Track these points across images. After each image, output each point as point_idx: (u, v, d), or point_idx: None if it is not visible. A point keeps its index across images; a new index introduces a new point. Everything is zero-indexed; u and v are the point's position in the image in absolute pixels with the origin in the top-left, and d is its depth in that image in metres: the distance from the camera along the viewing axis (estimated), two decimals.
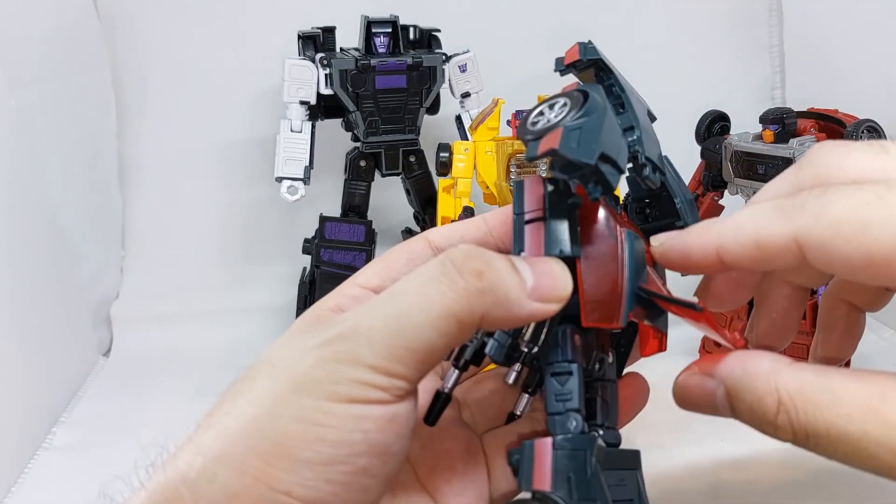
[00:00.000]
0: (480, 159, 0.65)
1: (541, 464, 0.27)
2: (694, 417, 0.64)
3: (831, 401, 0.24)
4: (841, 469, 0.54)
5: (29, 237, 0.64)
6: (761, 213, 0.26)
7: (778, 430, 0.25)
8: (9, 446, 0.57)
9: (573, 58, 0.31)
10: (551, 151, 0.27)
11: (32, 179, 0.66)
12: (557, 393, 0.28)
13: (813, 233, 0.25)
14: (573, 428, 0.28)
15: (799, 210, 0.25)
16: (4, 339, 0.58)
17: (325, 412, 0.25)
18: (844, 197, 0.25)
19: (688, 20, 0.87)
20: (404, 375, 0.26)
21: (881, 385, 0.24)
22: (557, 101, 0.29)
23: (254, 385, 0.27)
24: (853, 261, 0.24)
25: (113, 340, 0.78)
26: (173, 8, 0.80)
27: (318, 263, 0.71)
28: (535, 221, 0.30)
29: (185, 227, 0.83)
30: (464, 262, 0.27)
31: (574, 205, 0.29)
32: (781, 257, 0.26)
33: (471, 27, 0.79)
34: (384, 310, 0.27)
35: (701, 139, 0.64)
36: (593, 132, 0.27)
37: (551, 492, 0.26)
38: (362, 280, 0.31)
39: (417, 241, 0.33)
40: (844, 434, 0.24)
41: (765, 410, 0.26)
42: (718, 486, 0.51)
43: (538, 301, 0.27)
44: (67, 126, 0.73)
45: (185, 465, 0.26)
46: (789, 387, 0.25)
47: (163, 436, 0.29)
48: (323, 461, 0.25)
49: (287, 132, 0.70)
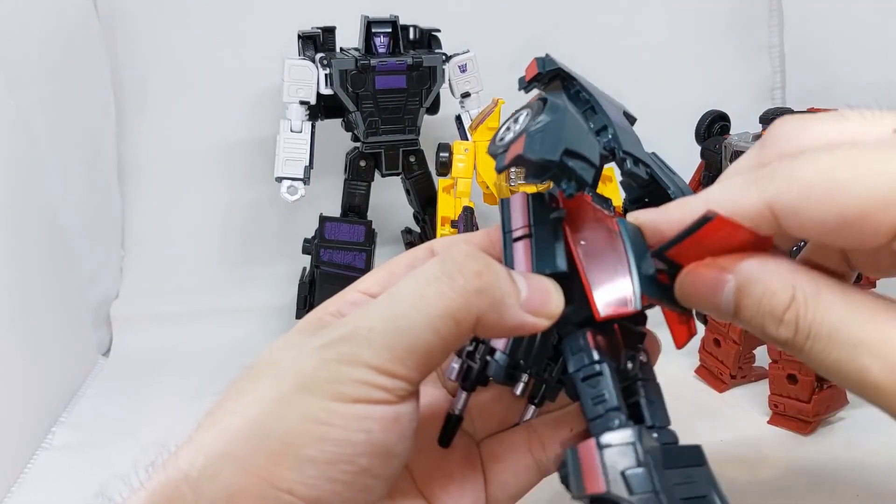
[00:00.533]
0: (480, 159, 0.65)
1: (588, 467, 0.26)
2: (693, 417, 0.64)
3: (843, 304, 0.24)
4: (841, 469, 0.54)
5: (29, 237, 0.64)
6: (732, 186, 0.26)
7: (782, 325, 0.25)
8: (8, 446, 0.57)
9: (533, 73, 0.32)
10: (517, 158, 0.27)
11: (32, 179, 0.66)
12: (592, 396, 0.28)
13: (785, 198, 0.25)
14: (616, 427, 0.26)
15: (769, 178, 0.25)
16: (4, 339, 0.58)
17: (329, 411, 0.26)
18: (813, 161, 0.25)
19: (688, 20, 0.87)
20: (405, 376, 0.27)
21: (892, 303, 0.24)
22: (521, 114, 0.29)
23: (256, 384, 0.27)
24: (827, 222, 0.24)
25: (113, 340, 0.78)
26: (173, 8, 0.80)
27: (317, 263, 0.71)
28: (523, 239, 0.30)
29: (184, 227, 0.83)
30: (464, 262, 0.27)
31: (557, 219, 0.30)
32: (756, 227, 0.26)
33: (471, 27, 0.79)
34: (383, 311, 0.27)
35: (701, 139, 0.64)
36: (554, 131, 0.27)
37: (607, 492, 0.25)
38: (364, 287, 0.32)
39: (421, 250, 0.33)
40: (846, 339, 0.24)
41: (774, 305, 0.25)
42: None
43: (530, 313, 0.28)
44: (67, 126, 0.73)
45: (186, 465, 0.26)
46: (805, 286, 0.25)
47: (163, 435, 0.29)
48: (326, 460, 0.25)
49: (287, 132, 0.70)
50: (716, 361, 0.64)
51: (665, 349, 0.33)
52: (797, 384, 0.56)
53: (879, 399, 0.24)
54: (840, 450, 0.54)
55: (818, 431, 0.57)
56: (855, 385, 0.24)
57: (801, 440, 0.56)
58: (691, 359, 0.66)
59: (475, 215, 0.64)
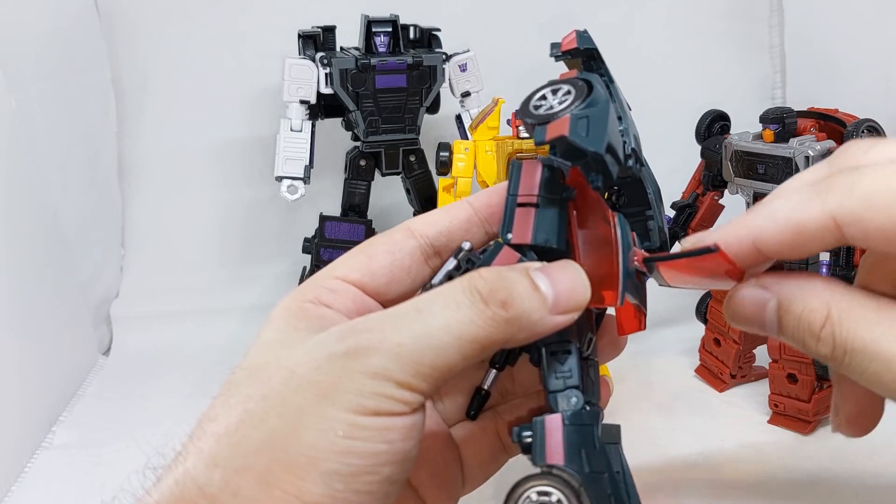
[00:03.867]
0: (480, 159, 0.65)
1: (552, 440, 0.28)
2: (693, 417, 0.64)
3: (876, 319, 0.26)
4: (841, 469, 0.54)
5: (29, 236, 0.64)
6: (794, 199, 0.27)
7: (820, 342, 0.27)
8: (9, 445, 0.57)
9: (570, 46, 0.32)
10: (560, 138, 0.27)
11: (32, 178, 0.66)
12: (558, 371, 0.29)
13: (847, 207, 0.25)
14: (574, 404, 0.28)
15: (831, 189, 0.26)
16: (4, 339, 0.58)
17: (351, 424, 0.26)
18: (875, 171, 0.25)
19: (688, 20, 0.87)
20: (424, 391, 0.27)
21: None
22: (560, 88, 0.29)
23: (268, 391, 0.27)
24: (888, 230, 0.25)
25: (113, 339, 0.78)
26: (173, 8, 0.80)
27: (318, 262, 0.71)
28: (527, 206, 0.30)
29: (184, 226, 0.83)
30: (490, 293, 0.27)
31: (567, 198, 0.30)
32: (820, 238, 0.26)
33: (471, 26, 0.79)
34: (413, 327, 0.27)
35: (701, 138, 0.64)
36: (601, 122, 0.27)
37: (566, 465, 0.27)
38: (341, 272, 0.31)
39: (399, 232, 0.32)
40: (879, 352, 0.25)
41: (811, 322, 0.27)
42: (718, 486, 0.51)
43: (560, 314, 0.28)
44: (67, 125, 0.73)
45: (202, 478, 0.26)
46: (840, 303, 0.26)
47: (162, 435, 0.28)
48: (352, 472, 0.25)
49: (287, 131, 0.70)
50: (716, 361, 0.64)
51: (665, 350, 0.33)
52: (797, 384, 0.56)
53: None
54: (840, 450, 0.54)
55: (818, 431, 0.57)
56: (894, 394, 0.26)
57: (801, 440, 0.56)
58: (691, 359, 0.66)
59: None
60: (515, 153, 0.65)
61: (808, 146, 0.56)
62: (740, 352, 0.62)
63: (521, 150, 0.65)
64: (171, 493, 0.26)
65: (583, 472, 0.27)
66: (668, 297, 0.65)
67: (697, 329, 0.66)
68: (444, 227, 0.32)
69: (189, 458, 0.26)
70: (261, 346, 0.29)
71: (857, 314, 0.26)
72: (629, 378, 0.64)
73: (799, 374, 0.56)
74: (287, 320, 0.29)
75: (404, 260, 0.31)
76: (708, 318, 0.64)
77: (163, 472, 0.27)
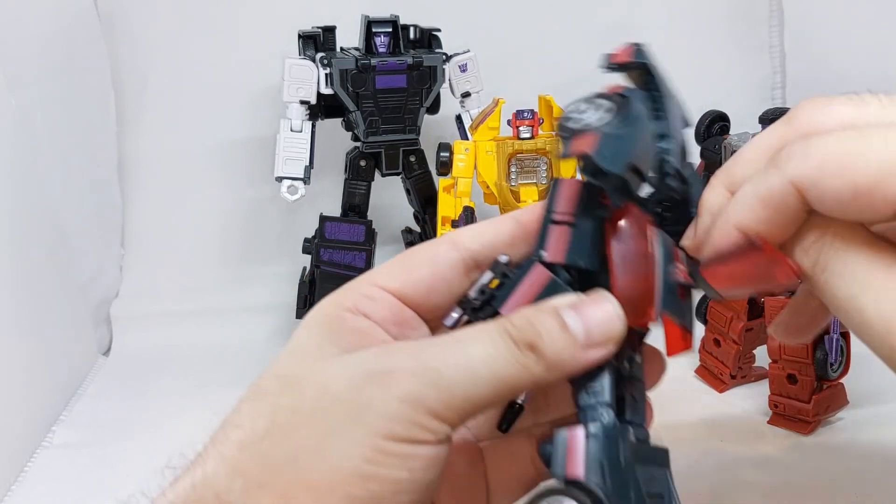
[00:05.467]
0: (481, 159, 0.65)
1: (573, 452, 0.27)
2: (694, 417, 0.64)
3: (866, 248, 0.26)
4: (841, 469, 0.54)
5: (29, 236, 0.64)
6: (756, 177, 0.27)
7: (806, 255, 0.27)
8: (9, 445, 0.57)
9: (625, 59, 0.31)
10: (584, 155, 0.27)
11: (33, 178, 0.66)
12: (588, 387, 0.29)
13: (804, 173, 0.26)
14: (604, 420, 0.28)
15: (788, 158, 0.26)
16: (4, 338, 0.58)
17: (377, 450, 0.25)
18: (829, 137, 0.26)
19: (688, 20, 0.87)
20: (453, 422, 0.27)
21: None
22: (601, 104, 0.29)
23: (299, 405, 0.26)
24: (842, 194, 0.25)
25: (113, 339, 0.78)
26: (173, 8, 0.80)
27: (318, 263, 0.71)
28: (563, 224, 0.30)
29: (184, 227, 0.83)
30: (520, 336, 0.27)
31: (602, 217, 0.30)
32: (787, 206, 0.26)
33: (471, 27, 0.79)
34: (453, 357, 0.27)
35: (700, 139, 0.64)
36: (627, 143, 0.28)
37: (585, 479, 0.26)
38: (381, 281, 0.31)
39: (442, 244, 0.32)
40: (856, 276, 0.25)
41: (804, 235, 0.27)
42: (718, 486, 0.51)
43: (594, 348, 0.28)
44: (67, 126, 0.73)
45: (222, 486, 0.25)
46: (839, 227, 0.26)
47: (162, 435, 0.28)
48: (372, 499, 0.25)
49: (287, 132, 0.70)
50: (716, 361, 0.64)
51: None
52: (797, 384, 0.56)
53: (874, 343, 0.25)
54: (840, 450, 0.54)
55: (818, 431, 0.57)
56: (853, 324, 0.26)
57: (801, 440, 0.56)
58: (691, 359, 0.66)
59: (475, 215, 0.64)
60: (515, 154, 0.65)
61: None
62: (740, 352, 0.62)
63: (521, 151, 0.65)
64: (187, 496, 0.26)
65: (604, 487, 0.26)
66: None
67: (697, 329, 0.66)
68: (488, 241, 0.31)
69: (209, 462, 0.26)
70: (294, 353, 0.29)
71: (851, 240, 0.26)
72: None
73: (799, 375, 0.56)
74: (323, 329, 0.29)
75: (445, 272, 0.31)
76: (708, 319, 0.64)
77: (181, 472, 0.27)
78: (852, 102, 0.27)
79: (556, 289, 0.29)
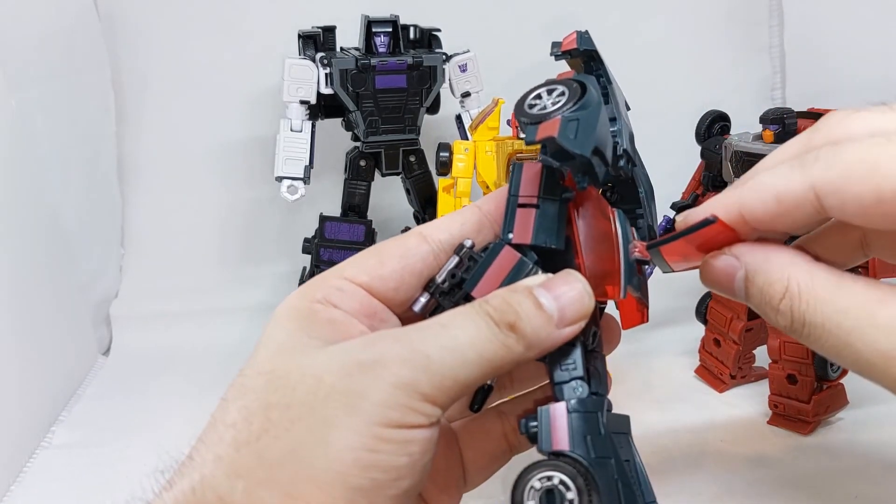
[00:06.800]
0: (480, 159, 0.65)
1: (557, 427, 0.28)
2: (694, 417, 0.64)
3: (834, 295, 0.26)
4: (841, 469, 0.54)
5: (29, 236, 0.64)
6: (779, 171, 0.27)
7: (779, 314, 0.27)
8: (8, 445, 0.57)
9: (570, 46, 0.33)
10: (549, 139, 0.28)
11: (32, 178, 0.66)
12: (563, 364, 0.30)
13: (827, 178, 0.25)
14: (579, 393, 0.29)
15: (813, 162, 0.26)
16: (4, 338, 0.58)
17: (376, 437, 0.25)
18: (855, 144, 0.26)
19: (688, 20, 0.87)
20: (444, 405, 0.27)
21: (883, 291, 0.25)
22: (555, 88, 0.30)
23: (293, 400, 0.26)
24: (864, 200, 0.25)
25: (112, 339, 0.78)
26: (173, 8, 0.80)
27: (318, 263, 0.71)
28: (528, 207, 0.31)
29: (184, 227, 0.83)
30: (500, 317, 0.28)
31: (566, 199, 0.31)
32: (801, 208, 0.26)
33: (471, 27, 0.79)
34: (441, 341, 0.27)
35: (701, 139, 0.64)
36: (590, 126, 0.28)
37: (571, 451, 0.28)
38: (350, 273, 0.31)
39: (411, 237, 0.32)
40: (837, 327, 0.25)
41: (771, 294, 0.27)
42: (719, 486, 0.51)
43: (566, 326, 0.29)
44: (67, 126, 0.73)
45: (223, 488, 0.25)
46: (800, 277, 0.27)
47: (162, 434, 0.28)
48: (374, 487, 0.25)
49: (287, 131, 0.70)
50: (716, 361, 0.64)
51: (666, 351, 0.34)
52: (797, 384, 0.56)
53: (876, 377, 0.25)
54: (840, 450, 0.54)
55: (818, 431, 0.57)
56: (853, 367, 0.26)
57: (801, 440, 0.56)
58: (691, 359, 0.66)
59: None
60: (515, 153, 0.65)
61: None
62: (740, 352, 0.62)
63: (521, 151, 0.65)
64: (188, 501, 0.25)
65: (588, 457, 0.28)
66: (668, 297, 0.66)
67: (697, 330, 0.66)
68: (456, 232, 0.32)
69: (207, 465, 0.26)
70: (271, 348, 0.29)
71: (817, 289, 0.26)
72: (629, 378, 0.64)
73: (799, 375, 0.56)
74: (297, 322, 0.29)
75: (416, 265, 0.31)
76: (708, 319, 0.64)
77: (174, 476, 0.27)
78: (878, 110, 0.27)
79: (524, 269, 0.30)
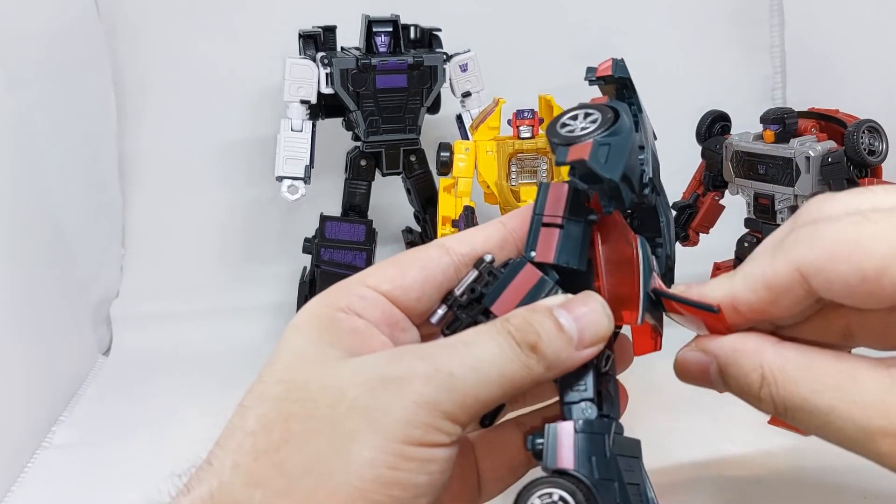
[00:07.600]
0: (481, 159, 0.65)
1: (562, 445, 0.29)
2: (694, 417, 0.64)
3: (807, 377, 0.26)
4: (842, 470, 0.54)
5: (29, 236, 0.64)
6: (763, 257, 0.28)
7: (761, 402, 0.28)
8: (9, 445, 0.57)
9: (605, 72, 0.33)
10: (580, 161, 0.28)
11: (33, 178, 0.66)
12: (574, 385, 0.30)
13: (810, 259, 0.26)
14: (588, 415, 0.30)
15: (793, 243, 0.27)
16: (4, 338, 0.58)
17: (397, 455, 0.25)
18: (833, 223, 0.26)
19: (688, 20, 0.87)
20: (465, 423, 0.27)
21: (853, 365, 0.26)
22: (590, 113, 0.30)
23: (314, 412, 0.26)
24: (849, 280, 0.25)
25: (113, 339, 0.78)
26: (173, 8, 0.80)
27: (318, 263, 0.71)
28: (552, 226, 0.31)
29: (185, 226, 0.83)
30: (521, 337, 0.28)
31: (590, 221, 0.31)
32: (790, 291, 0.27)
33: (471, 27, 0.79)
34: (464, 359, 0.27)
35: (701, 139, 0.64)
36: (621, 152, 0.29)
37: (575, 470, 0.28)
38: (373, 282, 0.31)
39: (433, 248, 0.32)
40: (816, 408, 0.26)
41: (750, 385, 0.28)
42: (720, 486, 0.51)
43: (585, 348, 0.29)
44: (67, 125, 0.73)
45: (241, 496, 0.25)
46: (772, 364, 0.27)
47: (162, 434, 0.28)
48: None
49: (287, 131, 0.69)
50: None
51: (667, 351, 0.34)
52: None
53: (861, 452, 0.26)
54: (840, 450, 0.54)
55: None
56: (841, 444, 0.27)
57: (801, 440, 0.56)
58: None
59: (476, 215, 0.64)
60: (516, 153, 0.65)
61: (809, 147, 0.56)
62: None
63: (521, 151, 0.65)
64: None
65: (591, 477, 0.28)
66: None
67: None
68: (478, 246, 0.32)
69: (225, 471, 0.26)
70: (291, 356, 0.28)
71: (789, 373, 0.27)
72: (633, 380, 0.64)
73: None
74: (318, 330, 0.29)
75: (437, 276, 0.31)
76: None
77: (192, 480, 0.26)
78: (856, 191, 0.28)
79: (544, 287, 0.30)
